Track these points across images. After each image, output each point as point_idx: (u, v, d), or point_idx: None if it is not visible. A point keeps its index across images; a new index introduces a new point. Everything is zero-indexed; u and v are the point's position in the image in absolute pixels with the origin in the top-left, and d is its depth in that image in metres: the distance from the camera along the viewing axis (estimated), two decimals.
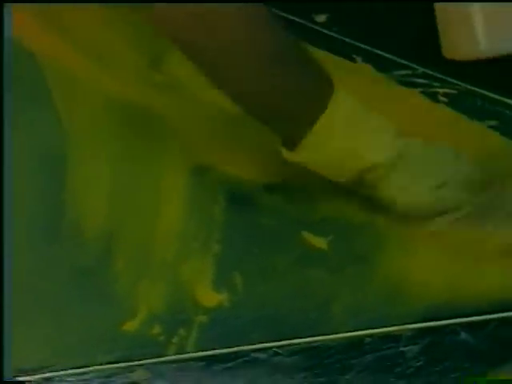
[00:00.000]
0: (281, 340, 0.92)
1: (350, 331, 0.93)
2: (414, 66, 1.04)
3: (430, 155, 0.96)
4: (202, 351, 0.93)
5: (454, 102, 1.04)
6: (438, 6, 1.01)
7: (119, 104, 1.05)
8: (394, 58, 1.04)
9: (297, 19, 1.08)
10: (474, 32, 0.99)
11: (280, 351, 0.92)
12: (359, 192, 0.95)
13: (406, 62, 1.05)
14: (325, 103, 0.90)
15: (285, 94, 0.90)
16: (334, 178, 0.94)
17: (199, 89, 1.02)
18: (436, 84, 1.02)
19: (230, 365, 0.91)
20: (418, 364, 0.89)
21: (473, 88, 1.02)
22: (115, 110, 1.05)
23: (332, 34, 1.07)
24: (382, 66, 1.04)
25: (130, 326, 0.94)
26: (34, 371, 0.92)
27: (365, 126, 0.92)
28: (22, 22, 1.07)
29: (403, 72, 1.04)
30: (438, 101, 1.05)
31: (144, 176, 1.01)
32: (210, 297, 0.95)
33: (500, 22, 0.97)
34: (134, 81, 1.08)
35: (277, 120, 0.92)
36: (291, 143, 0.91)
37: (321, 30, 1.08)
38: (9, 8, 1.06)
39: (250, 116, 0.92)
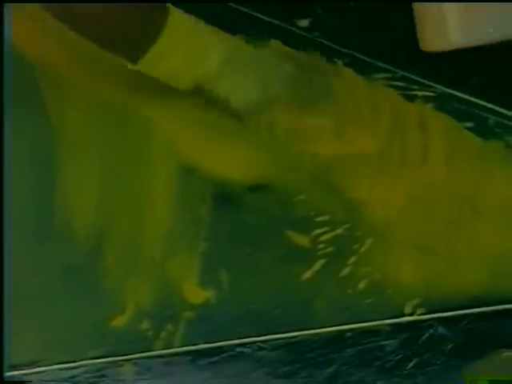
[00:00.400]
0: (265, 335, 0.94)
1: (332, 326, 0.94)
2: (394, 69, 1.04)
3: (255, 58, 1.07)
4: (189, 346, 0.94)
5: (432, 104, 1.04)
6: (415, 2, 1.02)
7: (107, 106, 1.05)
8: (374, 61, 1.04)
9: (280, 23, 1.07)
10: (446, 24, 1.00)
11: (264, 346, 0.93)
12: (203, 98, 1.03)
13: (385, 66, 1.04)
14: (162, 23, 0.99)
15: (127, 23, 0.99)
16: (177, 85, 1.01)
17: (184, 89, 1.02)
18: (415, 87, 1.03)
19: (215, 359, 0.93)
20: (397, 358, 0.90)
21: (450, 91, 1.01)
22: (104, 112, 1.05)
23: (314, 37, 1.07)
24: (362, 69, 1.04)
25: (119, 321, 0.94)
26: (26, 366, 0.91)
27: (198, 38, 1.01)
28: (13, 24, 1.06)
29: (383, 75, 1.04)
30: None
31: (132, 176, 1.01)
32: (197, 293, 0.96)
33: (470, 16, 0.97)
34: (121, 83, 1.06)
35: (122, 43, 1.01)
36: (135, 58, 0.99)
37: (303, 34, 1.07)
38: (9, 8, 1.08)
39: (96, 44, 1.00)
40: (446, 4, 1.01)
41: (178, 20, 1.00)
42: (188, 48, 1.01)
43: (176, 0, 1.01)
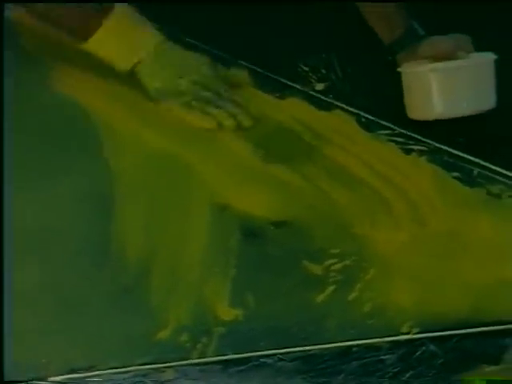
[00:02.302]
0: (284, 348, 0.94)
1: (340, 342, 0.94)
2: (394, 127, 1.05)
3: (179, 56, 1.15)
4: (220, 356, 0.94)
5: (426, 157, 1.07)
6: (403, 76, 1.06)
7: (155, 153, 1.09)
8: (379, 120, 1.05)
9: (301, 87, 1.08)
10: (431, 99, 1.05)
11: (283, 357, 0.94)
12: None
13: (387, 124, 1.05)
14: (103, 17, 1.10)
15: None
16: (117, 67, 1.12)
17: (221, 141, 1.08)
18: (411, 142, 1.04)
19: (242, 368, 0.93)
20: (395, 370, 0.92)
21: (441, 146, 1.02)
22: (152, 158, 1.08)
23: (328, 99, 1.08)
24: (369, 127, 1.04)
25: (163, 334, 0.95)
26: (85, 370, 0.92)
27: (134, 31, 1.11)
28: (78, 84, 1.08)
29: (385, 131, 1.04)
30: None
31: (174, 212, 1.04)
32: (227, 312, 0.96)
33: (451, 92, 1.03)
34: (167, 134, 1.09)
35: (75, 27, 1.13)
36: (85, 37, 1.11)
37: (320, 96, 1.08)
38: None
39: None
40: (432, 83, 1.04)
41: (122, 11, 1.11)
42: (127, 35, 1.11)
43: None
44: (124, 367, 0.93)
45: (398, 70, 1.07)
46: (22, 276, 0.98)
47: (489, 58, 1.04)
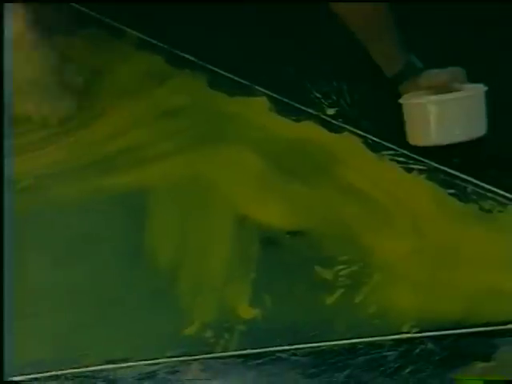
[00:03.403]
0: (297, 344, 0.96)
1: (348, 339, 0.96)
2: (397, 148, 1.06)
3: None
4: (241, 351, 0.96)
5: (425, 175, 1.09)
6: (404, 107, 1.09)
7: (184, 173, 1.11)
8: (383, 142, 1.06)
9: (313, 111, 1.09)
10: (428, 128, 1.06)
11: (297, 352, 0.96)
12: None
13: (391, 146, 1.06)
14: None
15: None
16: None
17: (241, 160, 1.10)
18: (411, 162, 1.06)
19: (260, 361, 0.96)
20: (397, 365, 0.94)
21: (438, 166, 1.04)
22: (181, 177, 1.11)
23: (338, 123, 1.08)
24: (374, 148, 1.05)
25: (189, 330, 0.98)
26: (120, 361, 0.94)
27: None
28: None
29: (389, 152, 1.05)
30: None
31: (200, 223, 1.06)
32: (247, 311, 0.99)
33: (446, 121, 1.05)
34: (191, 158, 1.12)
35: None
36: None
37: (330, 120, 1.09)
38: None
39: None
40: (429, 113, 1.05)
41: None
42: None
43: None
44: (155, 359, 0.95)
45: (400, 101, 1.08)
46: (67, 277, 0.99)
47: (479, 89, 1.05)
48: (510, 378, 0.90)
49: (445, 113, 1.06)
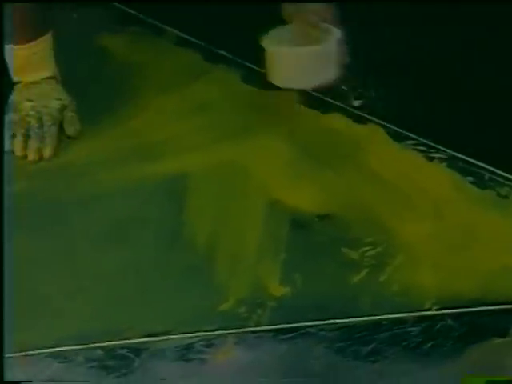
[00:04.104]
0: (325, 320, 0.95)
1: (373, 316, 0.95)
2: (418, 138, 1.06)
3: (49, 87, 1.16)
4: (272, 326, 0.95)
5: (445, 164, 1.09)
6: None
7: (220, 159, 1.12)
8: (406, 132, 1.06)
9: (340, 103, 1.10)
10: (284, 72, 1.11)
11: (324, 328, 0.95)
12: None
13: (413, 136, 1.06)
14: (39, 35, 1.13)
15: None
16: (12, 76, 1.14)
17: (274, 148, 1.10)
18: (433, 151, 1.06)
19: (290, 335, 0.95)
20: (418, 340, 0.93)
21: (457, 154, 1.03)
22: (218, 163, 1.12)
23: (364, 114, 1.09)
24: (397, 137, 1.05)
25: (224, 306, 0.97)
26: (161, 334, 0.93)
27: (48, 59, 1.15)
28: None
29: (411, 142, 1.05)
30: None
31: (235, 207, 1.07)
32: (278, 289, 0.98)
33: (300, 69, 1.10)
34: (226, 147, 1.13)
35: None
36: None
37: (355, 111, 1.09)
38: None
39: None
40: (286, 61, 1.11)
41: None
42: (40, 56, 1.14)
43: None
44: (193, 333, 0.94)
45: (262, 43, 1.13)
46: (113, 256, 1.02)
47: (332, 41, 1.10)
48: None
49: (300, 63, 1.09)
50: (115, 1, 1.30)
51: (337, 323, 0.94)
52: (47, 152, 1.14)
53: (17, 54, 1.14)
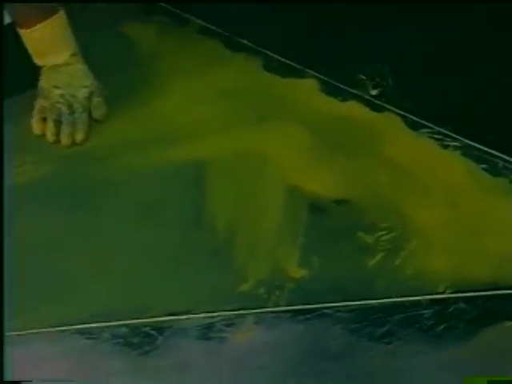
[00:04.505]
0: (341, 302, 0.95)
1: (387, 298, 0.95)
2: (434, 126, 1.05)
3: (74, 71, 1.14)
4: (290, 306, 0.95)
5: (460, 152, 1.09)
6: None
7: (240, 146, 1.11)
8: (421, 121, 1.05)
9: (358, 92, 1.09)
10: None
11: (341, 309, 0.95)
12: None
13: (429, 124, 1.05)
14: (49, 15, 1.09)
15: None
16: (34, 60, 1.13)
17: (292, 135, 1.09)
18: (448, 139, 1.05)
19: (307, 316, 0.95)
20: (431, 322, 0.93)
21: (471, 143, 1.03)
22: (238, 150, 1.11)
23: (381, 103, 1.08)
24: (413, 126, 1.04)
25: (244, 287, 0.98)
26: (182, 313, 0.94)
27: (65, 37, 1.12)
28: None
29: (426, 130, 1.04)
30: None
31: (254, 192, 1.07)
32: (296, 271, 0.98)
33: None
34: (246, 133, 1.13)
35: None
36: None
37: (372, 100, 1.09)
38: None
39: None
40: None
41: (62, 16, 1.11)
42: (56, 38, 1.11)
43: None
44: (214, 312, 0.95)
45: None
46: (138, 237, 1.02)
47: None
48: None
49: None
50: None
51: (353, 305, 0.94)
52: (79, 136, 1.14)
53: (31, 37, 1.13)
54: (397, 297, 0.94)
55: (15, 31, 1.13)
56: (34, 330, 0.92)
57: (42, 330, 0.92)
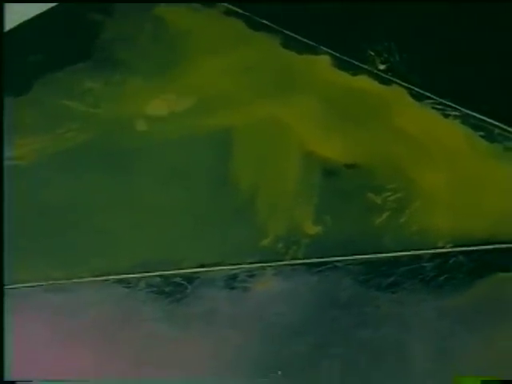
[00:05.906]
0: (352, 255, 0.95)
1: (393, 252, 0.94)
2: (436, 98, 1.02)
3: None
4: (306, 259, 0.95)
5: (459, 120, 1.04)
6: None
7: (261, 115, 1.07)
8: (425, 92, 1.02)
9: (366, 67, 1.05)
10: None
11: (351, 262, 0.96)
12: None
13: (432, 95, 1.02)
14: None
15: None
16: None
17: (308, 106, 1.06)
18: (449, 109, 1.02)
19: (321, 268, 0.97)
20: (433, 274, 0.92)
21: (470, 112, 0.99)
22: (259, 119, 1.07)
23: (388, 77, 1.04)
24: (417, 96, 1.01)
25: (265, 242, 0.98)
26: (210, 265, 0.94)
27: None
28: None
29: (429, 101, 1.01)
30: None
31: (274, 156, 1.04)
32: (311, 228, 0.98)
33: None
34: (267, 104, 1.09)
35: None
36: None
37: (380, 74, 1.05)
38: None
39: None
40: None
41: None
42: None
43: None
44: (236, 264, 0.95)
45: None
46: (170, 197, 1.01)
47: None
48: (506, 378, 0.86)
49: None
50: None
51: (361, 258, 0.95)
52: None
53: None
54: (402, 251, 0.94)
55: None
56: (79, 280, 0.93)
57: (88, 278, 0.93)
